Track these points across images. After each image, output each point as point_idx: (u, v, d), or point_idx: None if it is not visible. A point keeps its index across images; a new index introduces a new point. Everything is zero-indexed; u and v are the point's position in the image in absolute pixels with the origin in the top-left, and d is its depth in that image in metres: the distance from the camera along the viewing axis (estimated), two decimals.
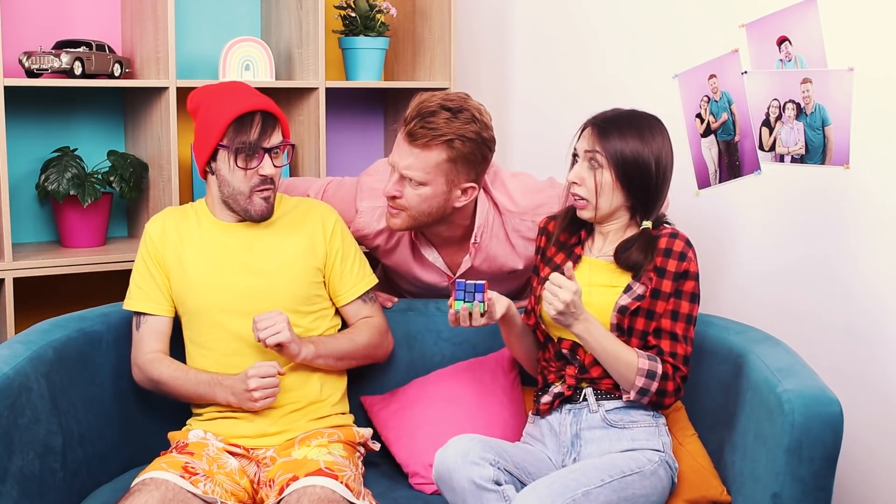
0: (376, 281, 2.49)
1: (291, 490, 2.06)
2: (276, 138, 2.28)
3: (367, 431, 2.39)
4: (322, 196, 2.57)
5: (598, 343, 2.11)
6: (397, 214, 2.37)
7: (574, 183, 2.17)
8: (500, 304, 2.18)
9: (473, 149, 2.29)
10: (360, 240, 2.53)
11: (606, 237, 2.23)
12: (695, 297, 2.16)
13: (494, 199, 2.48)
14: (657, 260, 2.15)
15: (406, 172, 2.30)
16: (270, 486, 2.14)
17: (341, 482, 2.08)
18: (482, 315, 2.15)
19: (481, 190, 2.44)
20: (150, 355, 2.33)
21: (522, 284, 2.66)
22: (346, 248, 2.43)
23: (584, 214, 2.20)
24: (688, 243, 2.17)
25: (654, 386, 2.11)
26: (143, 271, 2.36)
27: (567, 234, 2.28)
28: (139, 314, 2.35)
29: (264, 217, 2.33)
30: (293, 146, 2.35)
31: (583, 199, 2.17)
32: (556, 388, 2.22)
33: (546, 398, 2.22)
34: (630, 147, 2.13)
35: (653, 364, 2.11)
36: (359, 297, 2.43)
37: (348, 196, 2.54)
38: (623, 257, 2.16)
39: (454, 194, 2.35)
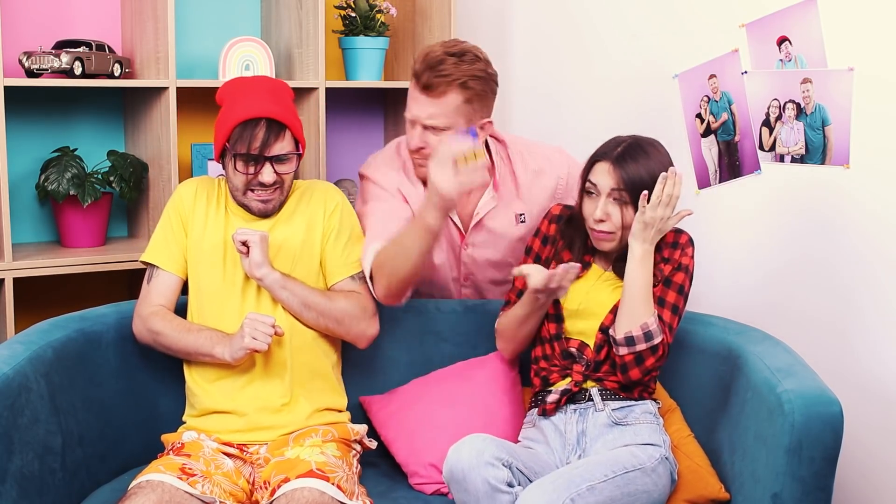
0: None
1: (281, 493, 2.05)
2: (280, 147, 2.28)
3: (362, 428, 2.39)
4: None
5: (639, 274, 2.15)
6: (426, 164, 2.39)
7: (600, 220, 2.20)
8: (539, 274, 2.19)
9: (483, 86, 2.42)
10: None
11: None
12: (682, 290, 2.21)
13: (497, 136, 2.60)
14: (664, 251, 2.22)
15: (429, 122, 2.40)
16: (265, 487, 2.13)
17: (332, 483, 2.07)
18: (476, 157, 2.17)
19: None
20: (154, 308, 2.34)
21: None
22: (343, 228, 2.41)
23: (607, 246, 2.24)
24: (690, 241, 2.25)
25: (643, 347, 2.14)
26: (166, 227, 2.39)
27: (580, 237, 2.32)
28: (153, 266, 2.38)
29: (263, 214, 2.35)
30: (300, 155, 2.34)
31: (610, 233, 2.21)
32: (563, 386, 2.23)
33: (553, 396, 2.24)
34: (650, 175, 2.17)
35: (657, 332, 2.14)
36: (348, 277, 2.40)
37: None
38: (620, 266, 2.23)
39: None
